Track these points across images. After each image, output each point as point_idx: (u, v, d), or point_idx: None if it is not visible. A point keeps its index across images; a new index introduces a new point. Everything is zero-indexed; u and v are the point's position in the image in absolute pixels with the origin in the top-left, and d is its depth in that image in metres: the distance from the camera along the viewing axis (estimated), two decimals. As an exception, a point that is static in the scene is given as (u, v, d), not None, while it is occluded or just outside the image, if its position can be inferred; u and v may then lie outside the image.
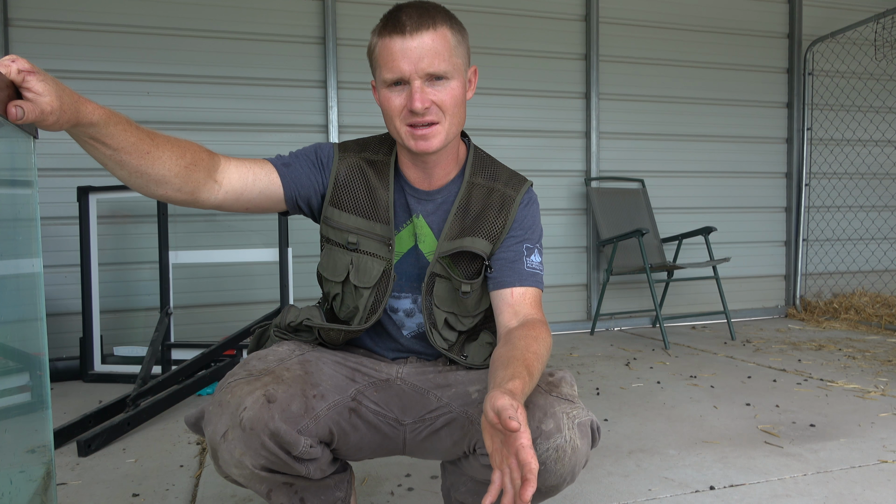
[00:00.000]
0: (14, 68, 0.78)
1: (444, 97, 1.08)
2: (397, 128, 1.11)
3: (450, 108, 1.09)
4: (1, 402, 0.95)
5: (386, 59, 1.07)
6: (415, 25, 1.05)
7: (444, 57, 1.07)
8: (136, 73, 3.33)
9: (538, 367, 1.02)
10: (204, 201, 1.07)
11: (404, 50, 1.05)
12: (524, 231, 1.21)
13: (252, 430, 0.98)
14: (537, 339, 1.08)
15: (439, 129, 1.10)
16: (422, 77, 1.06)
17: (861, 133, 4.75)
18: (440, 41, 1.06)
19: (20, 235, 0.94)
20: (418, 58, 1.05)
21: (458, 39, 1.11)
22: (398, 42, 1.05)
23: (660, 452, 1.91)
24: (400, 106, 1.09)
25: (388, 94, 1.09)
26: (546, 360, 1.07)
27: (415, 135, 1.09)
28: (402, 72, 1.06)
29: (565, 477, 1.01)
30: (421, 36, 1.05)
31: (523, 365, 1.00)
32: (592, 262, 4.22)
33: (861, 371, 2.91)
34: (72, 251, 3.10)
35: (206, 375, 2.51)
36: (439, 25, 1.07)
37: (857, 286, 4.80)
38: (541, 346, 1.07)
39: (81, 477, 1.79)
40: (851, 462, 1.81)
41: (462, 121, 1.14)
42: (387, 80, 1.08)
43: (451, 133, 1.12)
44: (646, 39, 4.28)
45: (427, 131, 1.09)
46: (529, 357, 1.02)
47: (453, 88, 1.09)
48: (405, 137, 1.10)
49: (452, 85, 1.09)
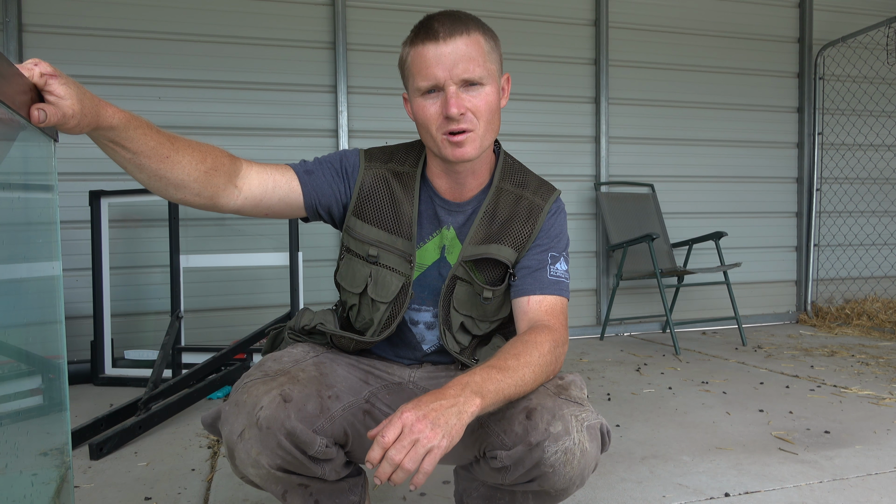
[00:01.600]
0: (37, 72, 0.79)
1: (479, 103, 1.07)
2: (434, 136, 1.09)
3: (484, 114, 1.08)
4: (14, 405, 0.95)
5: (420, 67, 1.06)
6: (448, 31, 1.04)
7: (478, 62, 1.05)
8: (147, 77, 3.35)
9: (513, 365, 0.99)
10: (223, 206, 1.07)
11: (438, 56, 1.04)
12: (550, 240, 1.20)
13: (268, 429, 0.98)
14: (527, 342, 1.04)
15: (474, 136, 1.08)
16: (456, 83, 1.05)
17: (873, 137, 4.73)
18: (474, 46, 1.05)
19: (40, 238, 0.95)
20: (452, 63, 1.04)
21: (492, 45, 1.09)
22: (431, 49, 1.04)
23: (673, 459, 1.89)
24: (436, 114, 1.07)
25: (423, 103, 1.08)
26: (534, 363, 1.02)
27: (451, 141, 1.07)
28: (436, 78, 1.04)
29: (574, 480, 1.00)
30: (455, 41, 1.04)
31: (488, 364, 0.98)
32: (602, 267, 4.20)
33: (875, 377, 2.88)
34: (83, 255, 3.12)
35: (216, 379, 2.51)
36: (472, 31, 1.06)
37: (870, 292, 4.76)
38: (528, 349, 1.03)
39: (93, 480, 1.79)
40: (868, 469, 1.79)
41: (496, 129, 1.13)
42: (421, 87, 1.06)
43: (486, 141, 1.11)
44: (655, 44, 4.27)
45: (461, 138, 1.07)
46: (504, 358, 1.00)
47: (488, 94, 1.08)
48: (441, 146, 1.09)
49: (487, 90, 1.07)
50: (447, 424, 0.88)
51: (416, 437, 0.86)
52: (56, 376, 1.04)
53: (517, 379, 0.99)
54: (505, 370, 0.98)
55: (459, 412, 0.90)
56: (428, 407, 0.89)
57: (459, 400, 0.91)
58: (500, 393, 0.96)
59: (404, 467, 0.85)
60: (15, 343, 0.91)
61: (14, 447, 0.85)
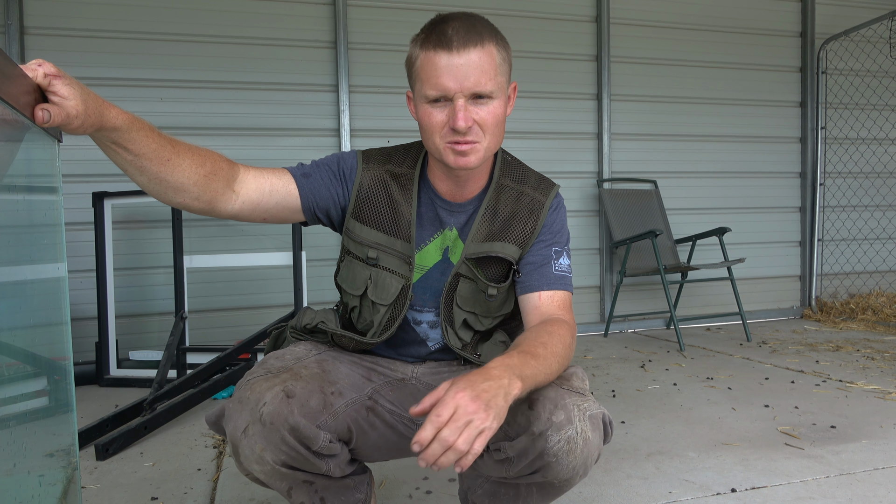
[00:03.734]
0: (40, 72, 0.79)
1: (486, 116, 1.06)
2: (436, 144, 1.08)
3: (491, 127, 1.07)
4: (20, 407, 0.95)
5: (429, 75, 1.04)
6: (462, 41, 1.01)
7: (490, 76, 1.03)
8: (148, 79, 3.36)
9: (542, 353, 0.99)
10: (221, 211, 1.07)
11: (450, 67, 1.02)
12: (552, 235, 1.20)
13: (272, 424, 0.98)
14: (551, 333, 1.05)
15: (479, 147, 1.07)
16: (466, 96, 1.03)
17: (876, 131, 4.71)
18: (487, 59, 1.03)
19: (46, 240, 0.95)
20: (464, 76, 1.02)
21: (503, 56, 1.08)
22: (444, 58, 1.02)
23: (679, 455, 1.89)
24: (441, 123, 1.06)
25: (430, 110, 1.06)
26: (559, 354, 1.02)
27: (455, 150, 1.07)
28: (446, 89, 1.03)
29: (577, 470, 1.00)
30: (468, 53, 1.01)
31: (521, 350, 0.98)
32: (605, 264, 4.20)
33: (881, 372, 2.87)
34: (87, 256, 3.12)
35: (221, 379, 2.52)
36: (486, 42, 1.03)
37: (874, 286, 4.74)
38: (554, 340, 1.03)
39: (100, 481, 1.80)
40: (875, 464, 1.78)
41: (500, 139, 1.12)
42: (429, 96, 1.05)
43: (490, 151, 1.10)
44: (657, 40, 4.26)
45: (466, 147, 1.06)
46: (533, 345, 1.00)
47: (495, 107, 1.06)
48: (445, 153, 1.08)
49: (495, 104, 1.06)
50: (497, 406, 0.86)
51: (470, 418, 0.84)
52: (62, 378, 1.04)
53: (546, 367, 0.99)
54: (537, 357, 0.98)
55: (506, 393, 0.89)
56: (479, 387, 0.87)
57: (504, 381, 0.90)
58: (534, 379, 0.96)
59: (457, 448, 0.83)
60: (21, 345, 0.91)
61: (21, 448, 0.85)
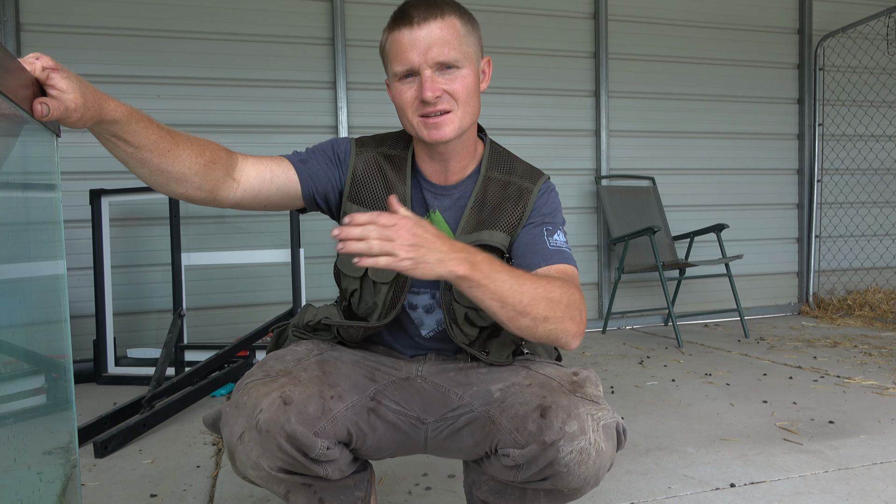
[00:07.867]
0: (38, 65, 0.78)
1: (456, 86, 1.07)
2: (410, 120, 1.10)
3: (462, 96, 1.08)
4: (19, 405, 0.95)
5: (395, 52, 1.07)
6: (422, 16, 1.05)
7: (453, 45, 1.06)
8: (146, 76, 3.34)
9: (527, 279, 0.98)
10: (223, 200, 1.07)
11: (413, 40, 1.05)
12: (543, 217, 1.18)
13: (268, 432, 0.97)
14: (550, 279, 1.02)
15: (452, 117, 1.08)
16: (431, 66, 1.05)
17: (873, 128, 4.72)
18: (448, 29, 1.06)
19: (44, 237, 0.94)
20: (427, 47, 1.04)
21: (468, 28, 1.10)
22: (406, 33, 1.05)
23: (678, 450, 1.89)
24: (412, 98, 1.08)
25: (400, 87, 1.09)
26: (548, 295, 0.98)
27: (427, 124, 1.08)
28: (411, 62, 1.05)
29: (588, 480, 0.99)
30: (429, 25, 1.05)
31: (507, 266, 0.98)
32: (603, 261, 4.20)
33: (878, 368, 2.88)
34: (84, 254, 3.11)
35: (219, 377, 2.51)
36: (447, 14, 1.07)
37: (872, 283, 4.76)
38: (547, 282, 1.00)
39: (99, 478, 1.79)
40: (873, 459, 1.79)
41: (476, 111, 1.13)
42: (397, 72, 1.08)
43: (465, 122, 1.11)
44: (655, 36, 4.26)
45: (439, 120, 1.08)
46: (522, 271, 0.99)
47: (465, 77, 1.08)
48: (418, 128, 1.09)
49: (464, 73, 1.08)
50: (423, 258, 0.89)
51: (394, 240, 0.87)
52: (60, 375, 1.03)
53: (516, 285, 0.96)
54: (511, 273, 0.97)
55: (442, 261, 0.90)
56: (428, 233, 0.90)
57: (451, 255, 0.91)
58: (492, 279, 0.94)
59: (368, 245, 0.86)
60: (20, 342, 0.91)
61: (21, 445, 0.85)
